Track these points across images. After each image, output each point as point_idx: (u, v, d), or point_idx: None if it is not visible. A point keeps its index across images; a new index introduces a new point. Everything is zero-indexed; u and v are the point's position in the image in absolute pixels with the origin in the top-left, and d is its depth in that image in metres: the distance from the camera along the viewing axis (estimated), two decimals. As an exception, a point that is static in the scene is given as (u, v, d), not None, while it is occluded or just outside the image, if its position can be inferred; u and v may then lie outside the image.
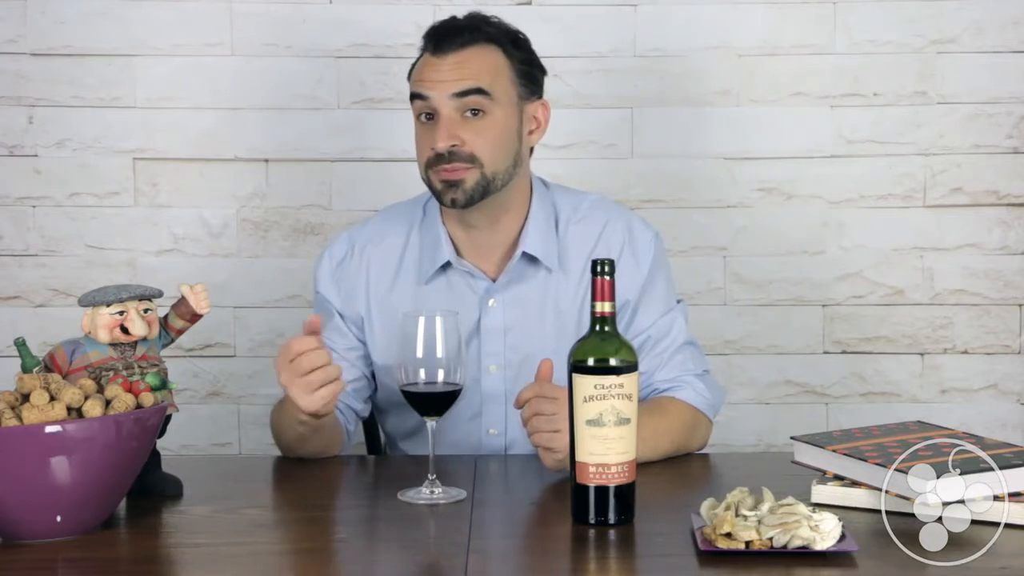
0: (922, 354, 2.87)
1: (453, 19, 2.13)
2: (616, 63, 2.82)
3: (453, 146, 2.06)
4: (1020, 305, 2.86)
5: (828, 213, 2.85)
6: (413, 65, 2.15)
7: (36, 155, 2.81)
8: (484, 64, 2.08)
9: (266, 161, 2.83)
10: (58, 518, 1.63)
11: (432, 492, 1.80)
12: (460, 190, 2.07)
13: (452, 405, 1.85)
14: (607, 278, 1.68)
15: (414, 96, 2.11)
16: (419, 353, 1.80)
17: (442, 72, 2.07)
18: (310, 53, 2.81)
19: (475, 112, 2.07)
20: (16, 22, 2.78)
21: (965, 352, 2.87)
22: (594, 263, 1.67)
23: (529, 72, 2.14)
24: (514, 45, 2.13)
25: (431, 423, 1.84)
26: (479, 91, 2.06)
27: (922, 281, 2.86)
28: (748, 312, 2.87)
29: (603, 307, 1.68)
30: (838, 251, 2.86)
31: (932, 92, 2.82)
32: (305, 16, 2.80)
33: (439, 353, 1.81)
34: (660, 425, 2.02)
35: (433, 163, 2.08)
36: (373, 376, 2.21)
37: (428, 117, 2.09)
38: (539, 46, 2.16)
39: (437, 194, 2.11)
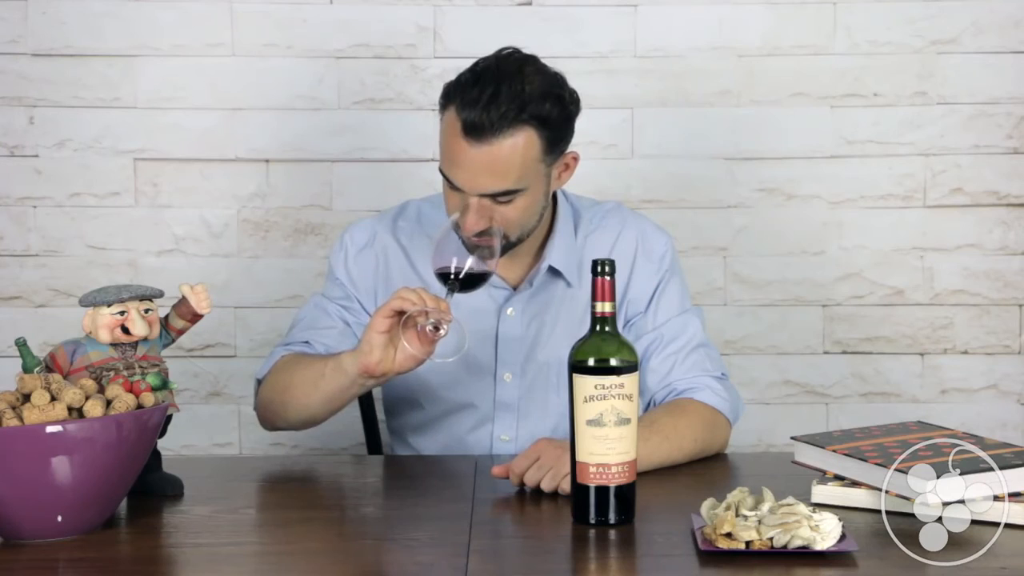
0: (922, 354, 2.87)
1: (490, 92, 1.96)
2: (616, 63, 2.82)
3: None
4: (1020, 305, 2.86)
5: (828, 213, 2.85)
6: (442, 99, 2.02)
7: (37, 155, 2.82)
8: (515, 158, 1.97)
9: (267, 161, 2.83)
10: (59, 518, 1.63)
11: (438, 329, 1.87)
12: (488, 250, 2.05)
13: (476, 286, 1.94)
14: (607, 278, 1.68)
15: (442, 173, 2.02)
16: (457, 237, 1.94)
17: (473, 168, 1.97)
18: (310, 53, 2.81)
19: (506, 200, 2.02)
20: (17, 22, 2.78)
21: (965, 352, 2.87)
22: (594, 263, 1.68)
23: (559, 141, 2.03)
24: (547, 120, 1.99)
25: (449, 297, 1.91)
26: (512, 191, 2.00)
27: (922, 281, 2.86)
28: (748, 312, 2.87)
29: (603, 307, 1.68)
30: (838, 251, 2.86)
31: (932, 92, 2.82)
32: (305, 16, 2.80)
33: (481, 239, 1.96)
34: (680, 423, 2.02)
35: (461, 224, 2.04)
36: None
37: (451, 184, 2.02)
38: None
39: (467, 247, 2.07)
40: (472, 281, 1.93)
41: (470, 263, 1.92)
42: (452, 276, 1.92)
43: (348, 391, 1.97)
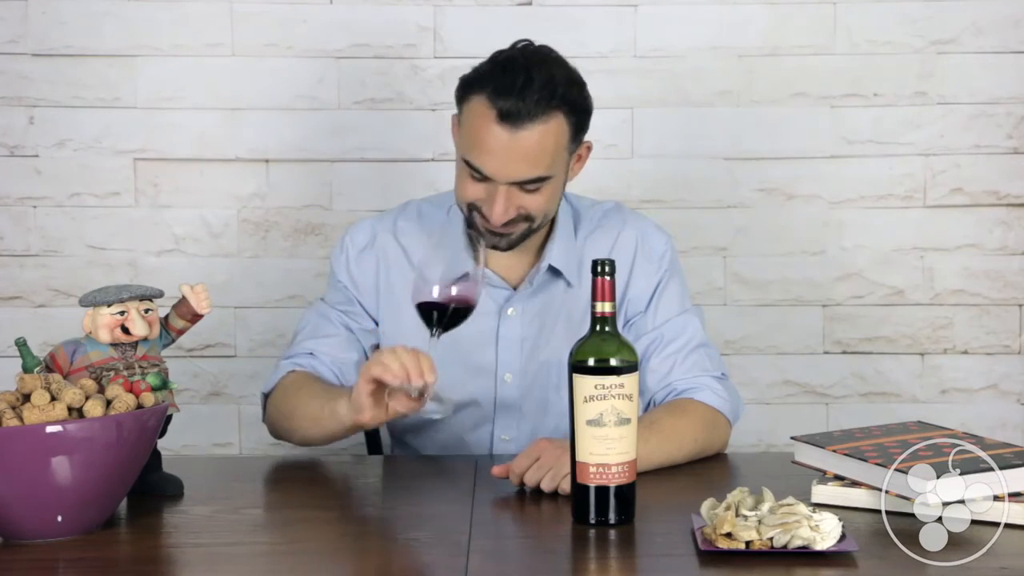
0: (922, 354, 2.87)
1: (523, 78, 1.98)
2: (616, 63, 2.82)
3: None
4: (1020, 305, 2.86)
5: (828, 213, 2.85)
6: (463, 90, 2.03)
7: (37, 155, 2.82)
8: (548, 144, 1.99)
9: (267, 161, 2.83)
10: (59, 518, 1.63)
11: (423, 396, 1.80)
12: (506, 240, 2.06)
13: (460, 322, 1.86)
14: (607, 278, 1.68)
15: (468, 163, 2.01)
16: (439, 268, 1.84)
17: (507, 155, 1.98)
18: (310, 53, 2.81)
19: (535, 188, 2.03)
20: (17, 22, 2.78)
21: (965, 352, 2.87)
22: (594, 263, 1.68)
23: (582, 129, 2.06)
24: (574, 105, 2.03)
25: (435, 339, 1.85)
26: (543, 178, 2.01)
27: (922, 281, 2.86)
28: (748, 312, 2.87)
29: (603, 307, 1.68)
30: (838, 251, 2.86)
31: (932, 92, 2.82)
32: (305, 16, 2.80)
33: (456, 272, 1.85)
34: (680, 423, 2.02)
35: (479, 209, 2.03)
36: None
37: (478, 174, 2.01)
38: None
39: (479, 233, 2.06)
40: (456, 318, 1.87)
41: (454, 295, 1.84)
42: (435, 322, 1.86)
43: (348, 432, 1.97)
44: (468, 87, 2.03)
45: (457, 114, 2.08)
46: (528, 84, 1.97)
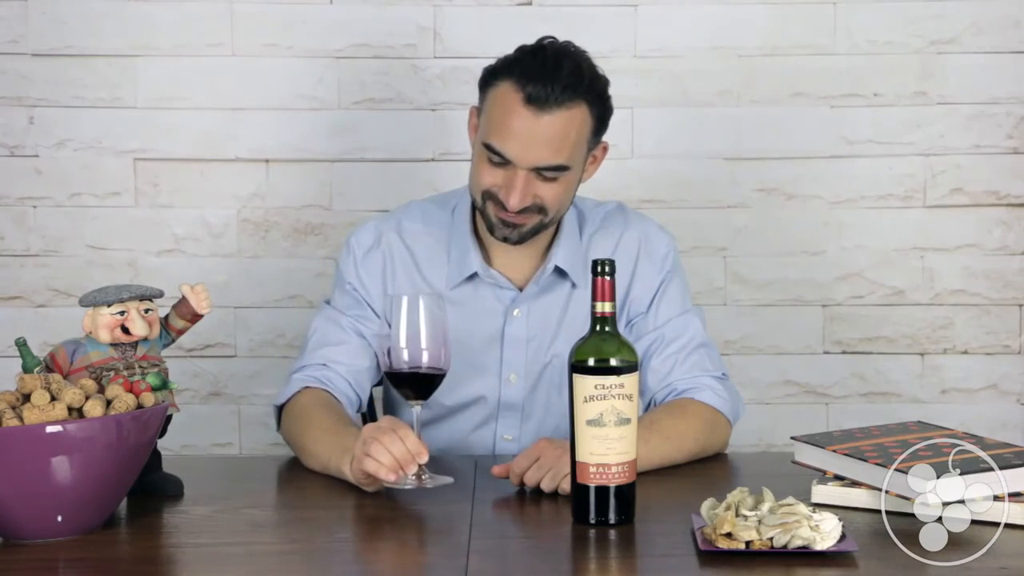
0: (922, 354, 2.87)
1: (552, 64, 2.01)
2: (616, 63, 2.81)
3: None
4: (1020, 305, 2.86)
5: (828, 213, 2.85)
6: (488, 77, 2.06)
7: (37, 155, 2.82)
8: (570, 132, 2.01)
9: (266, 161, 2.83)
10: (59, 518, 1.63)
11: (420, 478, 1.80)
12: (517, 232, 2.06)
13: (436, 389, 1.85)
14: (607, 278, 1.68)
15: (489, 147, 2.02)
16: (402, 336, 1.81)
17: (531, 138, 1.99)
18: (310, 53, 2.81)
19: (553, 177, 2.04)
20: (17, 22, 2.78)
21: (965, 352, 2.87)
22: (594, 263, 1.68)
23: (602, 125, 2.09)
24: (599, 98, 2.06)
25: (416, 408, 1.85)
26: (563, 167, 2.03)
27: (922, 281, 2.86)
28: (748, 312, 2.87)
29: (603, 307, 1.68)
30: (838, 251, 2.86)
31: (932, 92, 2.82)
32: (305, 16, 2.80)
33: (423, 336, 1.81)
34: (680, 424, 2.02)
35: (494, 197, 2.05)
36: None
37: (499, 158, 2.02)
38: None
39: (490, 225, 2.08)
40: (432, 383, 1.85)
41: (425, 361, 1.82)
42: (412, 395, 1.85)
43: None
44: (494, 74, 2.05)
45: (476, 106, 2.10)
46: (557, 70, 2.00)
